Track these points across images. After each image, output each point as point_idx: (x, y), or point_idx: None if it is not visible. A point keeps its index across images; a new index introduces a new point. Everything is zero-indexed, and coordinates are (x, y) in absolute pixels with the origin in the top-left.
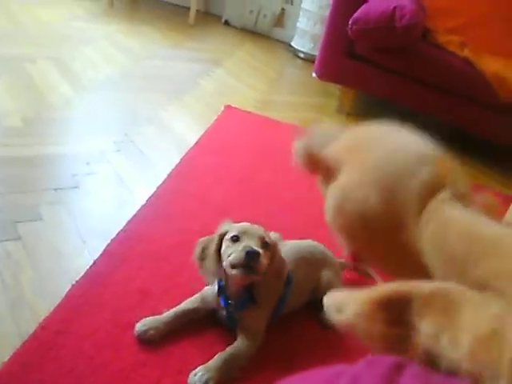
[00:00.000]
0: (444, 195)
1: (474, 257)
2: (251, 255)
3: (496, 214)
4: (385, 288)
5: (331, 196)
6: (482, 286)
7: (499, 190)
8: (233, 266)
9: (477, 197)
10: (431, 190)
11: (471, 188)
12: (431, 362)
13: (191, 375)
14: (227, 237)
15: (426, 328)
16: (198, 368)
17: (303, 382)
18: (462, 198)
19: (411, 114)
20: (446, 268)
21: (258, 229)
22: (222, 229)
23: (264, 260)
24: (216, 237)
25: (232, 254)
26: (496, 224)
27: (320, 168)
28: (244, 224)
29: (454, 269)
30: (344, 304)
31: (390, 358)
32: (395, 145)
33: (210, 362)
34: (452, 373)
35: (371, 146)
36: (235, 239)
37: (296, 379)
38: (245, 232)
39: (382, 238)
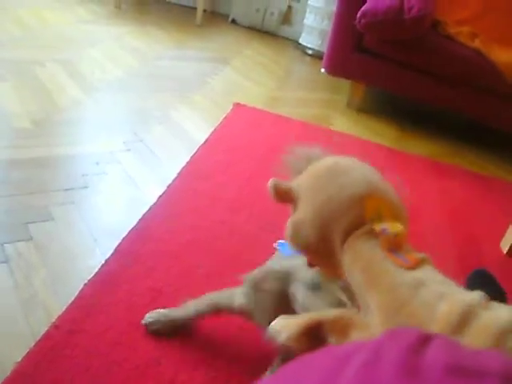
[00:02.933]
0: (359, 232)
1: (365, 285)
2: None
3: (402, 243)
4: (306, 318)
5: (288, 227)
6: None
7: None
8: None
9: (384, 231)
10: (353, 228)
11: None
12: None
13: None
14: (301, 281)
15: (332, 341)
16: None
17: (317, 362)
18: (373, 235)
19: (421, 106)
20: (354, 289)
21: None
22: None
23: None
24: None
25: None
26: (385, 261)
27: (287, 200)
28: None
29: (357, 291)
30: (280, 330)
31: (415, 330)
32: (335, 188)
33: None
34: None
35: (319, 187)
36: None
37: (310, 359)
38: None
39: (322, 260)
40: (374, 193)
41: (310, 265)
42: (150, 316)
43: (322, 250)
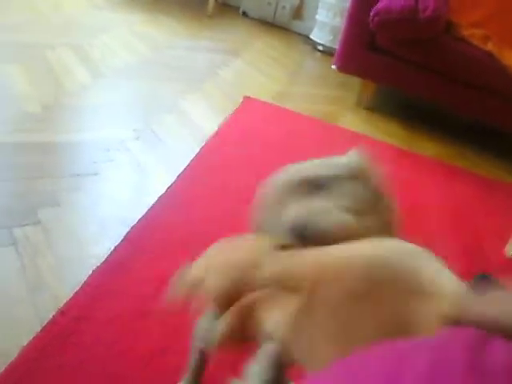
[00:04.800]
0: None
1: None
2: None
3: None
4: None
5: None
6: None
7: None
8: None
9: None
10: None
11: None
12: None
13: None
14: None
15: None
16: None
17: (375, 360)
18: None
19: (430, 106)
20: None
21: None
22: None
23: None
24: None
25: None
26: None
27: None
28: None
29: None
30: None
31: (473, 329)
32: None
33: None
34: None
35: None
36: None
37: (366, 357)
38: None
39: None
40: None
41: None
42: None
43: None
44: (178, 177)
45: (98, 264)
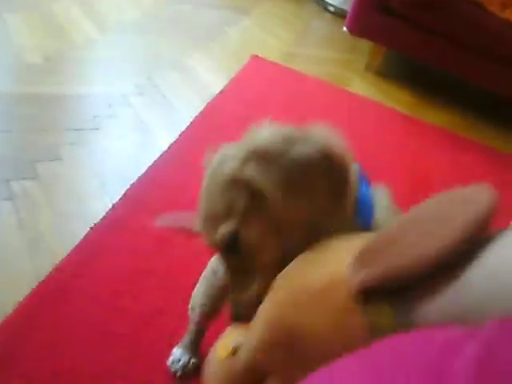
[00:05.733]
0: None
1: None
2: None
3: None
4: None
5: None
6: None
7: None
8: None
9: None
10: None
11: None
12: None
13: None
14: None
15: None
16: None
17: (412, 350)
18: None
19: (441, 74)
20: None
21: None
22: None
23: None
24: None
25: None
26: None
27: None
28: None
29: None
30: None
31: None
32: None
33: None
34: None
35: None
36: None
37: (401, 346)
38: None
39: None
40: None
41: None
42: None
43: None
44: (180, 134)
45: (97, 221)
